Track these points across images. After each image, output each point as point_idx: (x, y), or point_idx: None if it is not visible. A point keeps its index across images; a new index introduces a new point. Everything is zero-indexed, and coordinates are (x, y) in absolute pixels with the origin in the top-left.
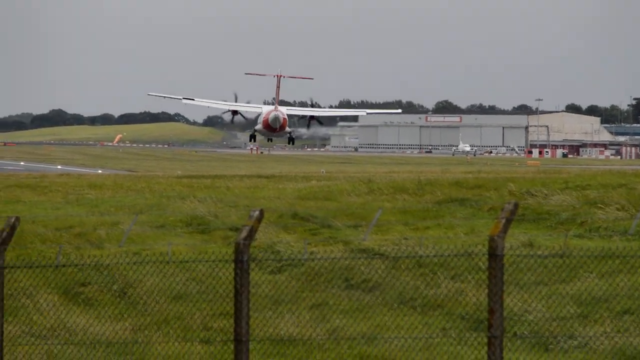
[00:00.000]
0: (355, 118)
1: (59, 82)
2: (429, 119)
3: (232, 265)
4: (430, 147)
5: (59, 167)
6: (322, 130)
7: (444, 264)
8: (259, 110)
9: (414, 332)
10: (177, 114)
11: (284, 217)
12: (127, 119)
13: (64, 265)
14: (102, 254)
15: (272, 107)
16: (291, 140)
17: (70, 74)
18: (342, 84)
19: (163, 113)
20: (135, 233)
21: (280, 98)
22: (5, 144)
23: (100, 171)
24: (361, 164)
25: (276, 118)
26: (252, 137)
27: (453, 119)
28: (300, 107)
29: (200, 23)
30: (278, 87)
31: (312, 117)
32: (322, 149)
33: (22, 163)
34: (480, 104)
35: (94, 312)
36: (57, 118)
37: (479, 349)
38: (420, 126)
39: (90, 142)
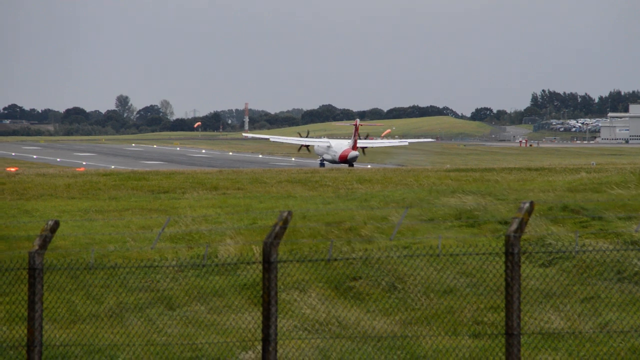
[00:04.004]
0: (625, 108)
1: (329, 77)
2: None
3: (502, 258)
4: None
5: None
6: None
7: None
8: (327, 144)
9: None
10: (446, 107)
11: (554, 210)
12: (396, 113)
13: (335, 259)
14: (372, 247)
15: (340, 142)
16: (352, 164)
17: (339, 70)
18: (612, 75)
19: (431, 107)
20: (405, 226)
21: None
22: None
23: (369, 166)
24: (632, 156)
25: (355, 157)
26: (322, 164)
27: None
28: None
29: None
30: (356, 131)
31: (365, 147)
32: (591, 142)
33: (292, 159)
34: None
35: (364, 306)
36: (326, 113)
37: None
38: None
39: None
